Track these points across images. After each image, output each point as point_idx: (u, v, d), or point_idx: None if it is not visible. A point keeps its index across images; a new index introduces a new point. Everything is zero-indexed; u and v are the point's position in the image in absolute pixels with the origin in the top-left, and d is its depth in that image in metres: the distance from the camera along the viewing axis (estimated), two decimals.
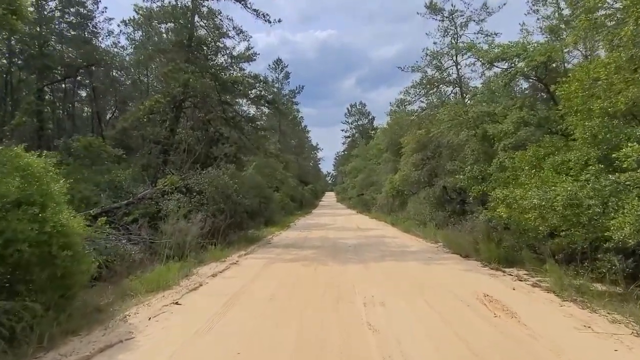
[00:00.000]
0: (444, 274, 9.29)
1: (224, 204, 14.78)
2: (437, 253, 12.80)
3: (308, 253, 13.21)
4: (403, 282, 8.40)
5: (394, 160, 36.86)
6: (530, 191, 8.41)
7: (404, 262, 11.18)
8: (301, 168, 61.38)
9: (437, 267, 10.32)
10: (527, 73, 14.61)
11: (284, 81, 47.47)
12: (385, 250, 13.63)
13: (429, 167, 24.44)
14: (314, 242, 16.75)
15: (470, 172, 17.97)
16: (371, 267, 10.34)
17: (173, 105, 17.26)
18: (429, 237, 16.87)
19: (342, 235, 19.34)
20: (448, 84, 25.16)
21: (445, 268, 10.13)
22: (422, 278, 8.80)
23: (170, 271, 8.44)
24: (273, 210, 25.16)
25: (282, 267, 10.53)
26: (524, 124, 14.04)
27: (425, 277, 8.95)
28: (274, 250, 13.95)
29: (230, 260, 11.43)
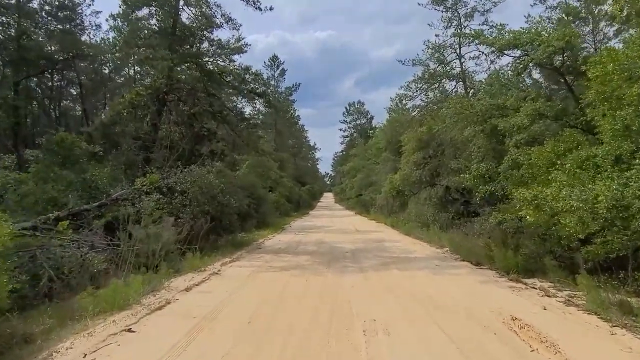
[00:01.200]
0: (458, 288, 7.94)
1: (209, 205, 13.42)
2: (445, 260, 11.46)
3: (301, 260, 11.86)
4: (410, 300, 7.05)
5: (393, 160, 35.58)
6: (564, 190, 7.06)
7: (408, 271, 9.83)
8: (298, 168, 60.07)
9: (448, 278, 8.97)
10: (541, 61, 13.28)
11: (280, 78, 46.12)
12: (387, 257, 12.29)
13: (431, 166, 23.12)
14: (309, 246, 15.39)
15: (476, 170, 16.72)
16: (371, 278, 8.99)
17: (156, 99, 15.89)
18: (433, 241, 15.55)
19: (340, 238, 17.99)
20: (451, 77, 23.88)
21: (458, 279, 8.78)
22: (432, 293, 7.45)
23: (131, 286, 7.06)
24: (266, 211, 23.83)
25: (269, 278, 9.16)
26: (539, 116, 12.72)
27: (436, 292, 7.60)
28: (263, 257, 12.60)
29: (211, 270, 10.07)
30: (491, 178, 16.65)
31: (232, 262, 11.51)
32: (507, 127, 13.58)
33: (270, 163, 28.15)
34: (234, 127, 16.29)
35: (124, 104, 15.48)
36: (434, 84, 24.01)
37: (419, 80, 23.94)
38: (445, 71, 23.64)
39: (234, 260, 11.74)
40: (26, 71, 20.80)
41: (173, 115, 14.97)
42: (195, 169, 13.32)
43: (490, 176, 16.70)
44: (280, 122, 47.04)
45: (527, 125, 12.64)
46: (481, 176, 16.73)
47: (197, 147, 15.23)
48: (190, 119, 15.37)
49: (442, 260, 11.51)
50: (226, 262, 11.29)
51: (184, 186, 13.05)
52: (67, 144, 14.05)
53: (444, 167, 22.38)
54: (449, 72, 23.81)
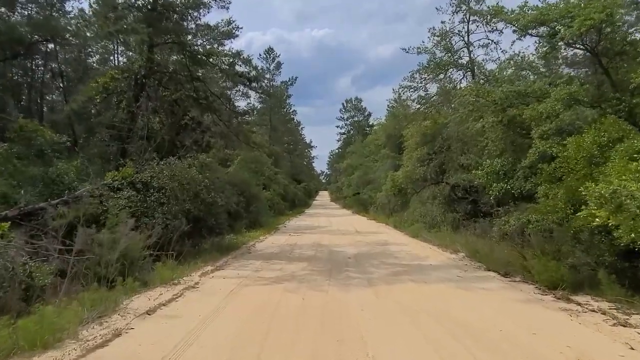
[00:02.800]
0: (497, 311, 6.20)
1: (191, 203, 11.65)
2: (466, 269, 9.72)
3: (296, 268, 10.09)
4: (440, 330, 5.30)
5: (393, 157, 33.96)
6: None
7: (427, 284, 8.09)
8: (294, 165, 58.30)
9: (479, 295, 7.22)
10: (574, 40, 11.57)
11: (275, 72, 44.22)
12: (396, 264, 10.55)
13: (436, 162, 21.45)
14: (305, 250, 13.63)
15: (490, 166, 15.07)
16: (384, 295, 7.23)
17: (134, 83, 14.06)
18: (445, 244, 13.83)
19: (339, 240, 16.24)
20: (459, 67, 22.15)
21: (492, 297, 7.04)
22: (468, 320, 5.70)
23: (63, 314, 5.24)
24: (259, 210, 22.03)
25: (256, 295, 7.38)
26: (574, 102, 11.01)
27: (471, 316, 5.85)
28: (253, 264, 10.81)
29: (187, 282, 8.27)
30: (506, 174, 15.06)
31: (214, 271, 9.72)
32: (534, 116, 11.86)
33: (264, 158, 26.32)
34: (222, 116, 14.48)
35: (97, 88, 13.65)
36: (440, 73, 22.26)
37: (424, 69, 22.20)
38: (452, 60, 21.90)
39: (218, 269, 9.95)
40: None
41: (152, 102, 13.19)
42: (175, 161, 11.51)
43: (506, 172, 15.09)
44: (276, 118, 45.19)
45: (561, 111, 10.91)
46: (495, 173, 15.12)
47: (179, 138, 13.41)
48: (172, 106, 13.56)
49: (463, 269, 9.77)
50: (207, 271, 9.50)
51: (161, 181, 11.26)
52: (27, 133, 12.23)
53: (451, 164, 20.75)
54: (457, 61, 22.08)
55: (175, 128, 13.64)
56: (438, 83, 22.98)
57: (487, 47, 21.95)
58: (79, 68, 27.51)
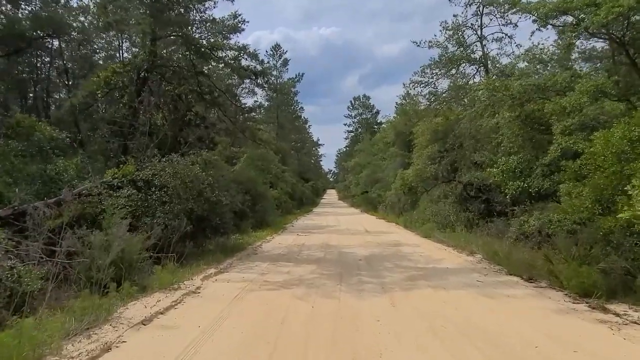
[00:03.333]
0: (528, 323, 5.57)
1: (194, 202, 11.13)
2: (486, 273, 9.08)
3: (304, 271, 9.53)
4: (466, 345, 4.70)
5: (402, 155, 33.31)
6: None
7: (446, 290, 7.48)
8: (301, 164, 57.82)
9: (504, 303, 6.60)
10: (600, 29, 10.87)
11: (282, 69, 43.65)
12: (411, 267, 9.95)
13: (448, 160, 20.77)
14: (314, 251, 13.07)
15: (506, 164, 14.42)
16: (401, 303, 6.64)
17: (136, 78, 13.58)
18: (460, 245, 13.19)
19: (348, 241, 15.66)
20: (472, 62, 21.44)
21: (519, 306, 6.40)
22: (496, 333, 5.11)
23: (47, 326, 4.72)
24: (266, 209, 21.50)
25: (262, 302, 6.82)
26: (600, 95, 10.34)
27: (500, 329, 5.25)
28: (259, 266, 10.27)
29: (188, 286, 7.74)
30: (522, 172, 14.41)
31: (218, 274, 9.18)
32: (556, 110, 11.20)
33: (271, 156, 25.77)
34: (227, 112, 13.94)
35: (99, 83, 13.18)
36: (452, 68, 21.56)
37: (435, 64, 21.52)
38: (465, 54, 21.18)
39: (221, 272, 9.41)
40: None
41: (154, 97, 12.69)
42: (178, 158, 10.99)
43: (522, 170, 14.45)
44: (283, 115, 44.65)
45: (587, 105, 10.24)
46: (511, 170, 14.48)
47: (183, 135, 12.89)
48: (175, 101, 13.05)
49: (482, 273, 9.14)
50: (210, 274, 8.96)
51: (163, 179, 10.75)
52: (25, 129, 11.79)
53: (464, 161, 20.07)
54: (469, 56, 21.36)
55: (179, 124, 13.13)
56: (449, 78, 22.32)
57: (501, 41, 21.27)
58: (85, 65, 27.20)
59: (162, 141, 12.61)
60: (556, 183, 12.93)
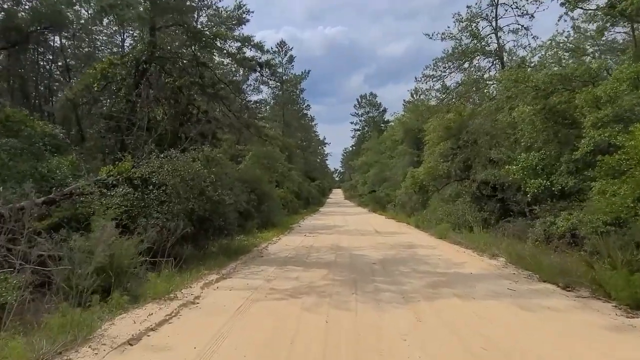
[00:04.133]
0: (581, 344, 4.71)
1: (195, 201, 10.34)
2: (516, 280, 8.19)
3: (315, 276, 8.70)
4: None
5: (411, 153, 32.46)
6: None
7: (476, 301, 6.62)
8: (308, 163, 57.04)
9: (547, 318, 5.71)
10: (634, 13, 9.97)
11: (288, 65, 42.83)
12: (431, 272, 9.09)
13: (462, 157, 19.86)
14: (323, 253, 12.25)
15: (526, 161, 13.54)
16: (427, 317, 5.80)
17: (135, 70, 12.82)
18: (479, 247, 12.31)
19: (359, 242, 14.83)
20: (487, 54, 20.52)
21: (566, 322, 5.52)
22: (548, 358, 4.26)
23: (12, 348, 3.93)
24: (273, 209, 20.71)
25: (268, 314, 6.01)
26: None
27: (552, 354, 4.40)
28: (264, 271, 9.45)
29: (185, 296, 6.93)
30: (544, 169, 13.54)
31: (220, 280, 8.37)
32: (588, 100, 10.29)
33: (277, 154, 24.94)
34: (231, 107, 13.14)
35: (95, 76, 12.42)
36: (465, 61, 20.67)
37: (448, 57, 20.65)
38: (480, 47, 20.27)
39: (224, 278, 8.60)
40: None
41: (153, 90, 11.92)
42: (177, 154, 10.21)
43: (544, 167, 13.57)
44: (289, 113, 43.84)
45: (625, 93, 9.33)
46: (532, 168, 13.61)
47: (184, 130, 12.10)
48: (175, 94, 12.27)
49: (511, 279, 8.25)
50: (212, 280, 8.15)
51: (161, 177, 9.97)
52: (15, 124, 11.06)
53: (478, 159, 19.17)
54: (484, 48, 20.44)
55: (179, 118, 12.34)
56: (462, 73, 21.43)
57: (517, 32, 20.33)
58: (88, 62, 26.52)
59: (162, 137, 11.84)
60: (582, 181, 12.06)
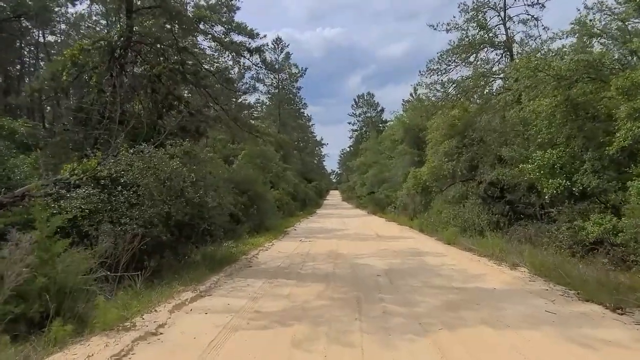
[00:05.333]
0: None
1: (173, 204, 8.96)
2: (551, 298, 6.81)
3: (309, 294, 7.32)
4: None
5: (412, 153, 31.14)
6: None
7: (511, 329, 5.26)
8: (304, 164, 55.68)
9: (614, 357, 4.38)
10: None
11: (284, 63, 41.45)
12: (446, 287, 7.71)
13: (468, 156, 18.55)
14: (320, 263, 10.87)
15: (542, 159, 12.26)
16: (452, 354, 4.44)
17: (109, 57, 11.42)
18: (495, 255, 10.98)
19: (360, 248, 13.45)
20: (495, 46, 19.21)
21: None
22: None
23: None
24: (266, 211, 19.33)
25: (248, 352, 4.63)
26: None
27: None
28: (251, 286, 8.05)
29: (146, 323, 5.53)
30: (562, 168, 12.28)
31: (196, 299, 6.97)
32: (625, 86, 8.97)
33: (272, 153, 23.55)
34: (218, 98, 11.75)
35: (64, 63, 11.02)
36: (473, 53, 19.35)
37: (455, 49, 19.31)
38: (488, 38, 18.96)
39: (201, 296, 7.20)
40: None
41: (128, 78, 10.54)
42: (150, 150, 8.82)
43: (563, 166, 12.31)
44: (285, 112, 42.46)
45: None
46: (550, 166, 12.33)
47: (163, 123, 10.70)
48: (153, 83, 10.88)
49: (544, 297, 6.88)
50: (185, 300, 6.75)
51: (131, 176, 8.59)
52: None
53: (487, 157, 17.87)
54: (492, 40, 19.13)
55: (158, 110, 10.96)
56: (468, 67, 20.09)
57: (526, 23, 19.04)
58: None
59: (138, 131, 10.44)
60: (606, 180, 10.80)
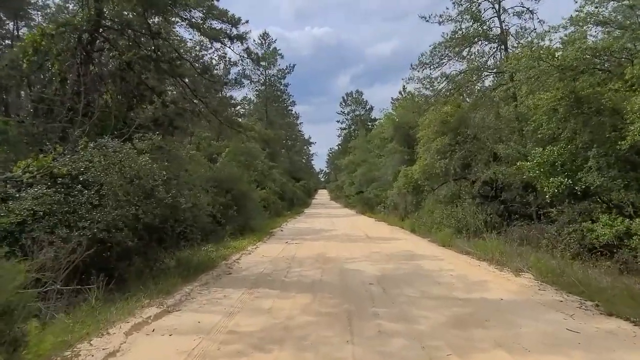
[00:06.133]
0: None
1: (140, 205, 7.97)
2: (569, 312, 5.98)
3: (294, 307, 6.41)
4: None
5: (402, 151, 30.41)
6: None
7: (531, 356, 4.42)
8: (292, 163, 54.66)
9: None
10: None
11: (271, 59, 40.36)
12: (448, 297, 6.86)
13: (461, 153, 17.84)
14: (307, 268, 9.95)
15: (542, 156, 11.60)
16: None
17: (75, 43, 10.36)
18: (495, 259, 10.18)
19: (350, 251, 12.58)
20: (490, 39, 18.47)
21: None
22: None
23: None
24: (251, 211, 18.36)
25: None
26: None
27: None
28: (228, 298, 7.09)
29: (93, 351, 4.57)
30: (564, 166, 11.63)
31: (161, 315, 6.01)
32: None
33: (257, 150, 22.54)
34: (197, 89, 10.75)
35: (24, 49, 9.95)
36: (466, 47, 18.58)
37: (448, 42, 18.52)
38: (482, 30, 18.21)
39: (168, 312, 6.23)
40: None
41: (95, 66, 9.50)
42: (114, 144, 7.82)
43: (564, 163, 11.65)
44: (272, 109, 41.39)
45: None
46: (550, 164, 11.65)
47: (134, 115, 9.66)
48: (123, 71, 9.84)
49: (561, 310, 6.06)
50: (147, 318, 5.77)
51: (93, 174, 7.59)
52: None
53: (482, 155, 17.19)
54: (486, 32, 18.39)
55: (128, 101, 9.93)
56: (462, 61, 19.34)
57: (521, 16, 18.33)
58: None
59: (106, 124, 9.41)
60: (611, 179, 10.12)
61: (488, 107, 17.69)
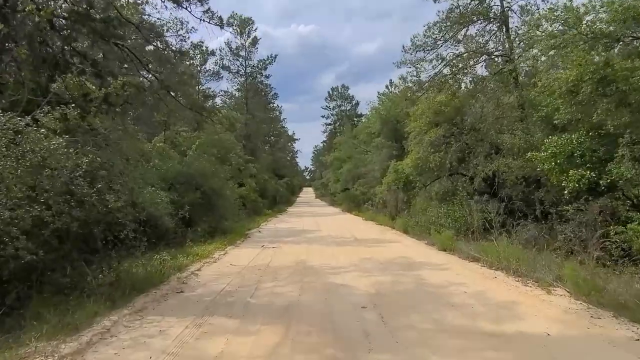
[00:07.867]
0: None
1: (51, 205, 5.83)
2: None
3: (256, 350, 4.38)
4: None
5: (390, 146, 28.66)
6: None
7: None
8: (276, 159, 52.41)
9: None
10: None
11: (251, 49, 38.11)
12: (475, 333, 4.91)
13: (458, 146, 16.11)
14: (281, 282, 7.90)
15: (557, 145, 9.82)
16: None
17: None
18: (511, 267, 8.28)
19: (336, 258, 10.57)
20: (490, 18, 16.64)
21: None
22: None
23: None
24: (224, 210, 16.20)
25: None
26: None
27: None
28: (163, 335, 5.01)
29: None
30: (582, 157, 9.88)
31: None
32: None
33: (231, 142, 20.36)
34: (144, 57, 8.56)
35: None
36: (463, 27, 16.75)
37: (442, 22, 16.68)
38: (481, 8, 16.37)
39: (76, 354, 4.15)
40: None
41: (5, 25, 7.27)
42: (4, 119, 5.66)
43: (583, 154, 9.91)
44: (253, 102, 39.09)
45: None
46: (569, 155, 9.87)
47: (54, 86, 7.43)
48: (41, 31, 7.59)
49: (633, 351, 4.18)
50: None
51: None
52: None
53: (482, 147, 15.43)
54: (486, 11, 16.56)
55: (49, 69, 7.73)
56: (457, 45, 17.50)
57: None
58: None
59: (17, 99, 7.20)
60: None
61: (488, 95, 15.90)
